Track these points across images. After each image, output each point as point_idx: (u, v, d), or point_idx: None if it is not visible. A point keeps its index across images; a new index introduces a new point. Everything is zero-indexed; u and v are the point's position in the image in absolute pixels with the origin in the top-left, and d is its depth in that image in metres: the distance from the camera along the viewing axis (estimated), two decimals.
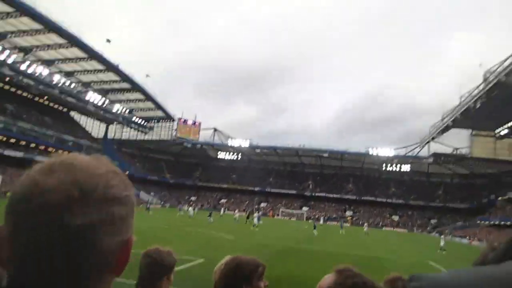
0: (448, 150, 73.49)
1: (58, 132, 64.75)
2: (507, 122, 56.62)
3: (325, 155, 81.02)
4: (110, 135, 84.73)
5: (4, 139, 53.64)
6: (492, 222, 56.29)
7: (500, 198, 62.33)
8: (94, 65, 60.10)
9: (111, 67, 60.68)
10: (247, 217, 41.72)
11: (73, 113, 76.80)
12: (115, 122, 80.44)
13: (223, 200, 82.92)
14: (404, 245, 30.66)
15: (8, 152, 52.19)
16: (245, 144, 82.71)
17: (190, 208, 44.21)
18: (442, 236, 33.74)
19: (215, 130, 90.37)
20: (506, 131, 59.10)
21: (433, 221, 72.97)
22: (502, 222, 51.99)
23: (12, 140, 54.90)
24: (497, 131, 61.95)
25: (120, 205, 0.58)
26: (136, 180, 76.06)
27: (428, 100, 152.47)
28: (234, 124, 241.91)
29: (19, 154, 53.89)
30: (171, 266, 2.13)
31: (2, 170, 46.33)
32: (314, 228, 34.98)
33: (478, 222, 61.03)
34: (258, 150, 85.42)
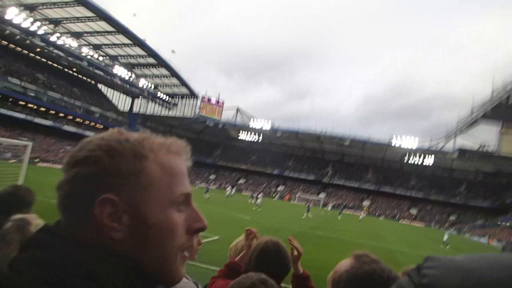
0: (474, 146, 71.32)
1: (86, 103, 66.52)
2: None
3: (347, 142, 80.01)
4: (136, 109, 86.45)
5: (35, 107, 55.61)
6: None
7: None
8: (121, 39, 60.94)
9: (137, 41, 61.39)
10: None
11: (100, 86, 78.53)
12: (140, 97, 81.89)
13: (241, 181, 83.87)
14: (419, 240, 30.46)
15: (38, 120, 54.19)
16: (266, 126, 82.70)
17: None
18: (446, 231, 34.12)
19: (238, 110, 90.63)
20: None
21: (452, 218, 71.74)
22: None
23: (42, 109, 56.87)
24: None
25: (82, 165, 0.59)
26: None
27: (457, 91, 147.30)
28: (257, 105, 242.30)
29: (48, 122, 55.94)
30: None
31: (32, 137, 48.21)
32: (307, 210, 33.42)
33: (499, 222, 59.59)
34: (279, 133, 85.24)
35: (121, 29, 57.13)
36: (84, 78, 72.33)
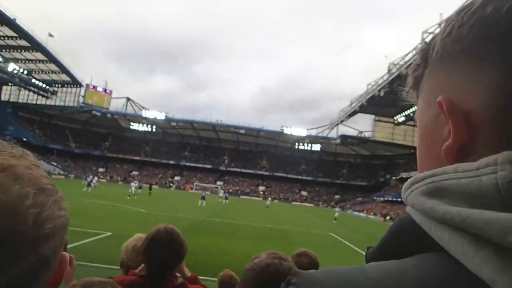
0: (354, 133, 79.66)
1: None
2: (404, 111, 62.93)
3: (242, 131, 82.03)
4: (4, 97, 74.82)
5: None
6: (386, 198, 62.91)
7: (394, 177, 69.83)
8: None
9: (5, 20, 52.66)
10: (150, 189, 42.12)
11: None
12: (10, 84, 70.90)
13: (134, 172, 79.66)
14: (310, 218, 32.59)
15: None
16: (160, 116, 79.62)
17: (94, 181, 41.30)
18: (337, 209, 39.83)
19: (128, 99, 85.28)
20: (403, 118, 65.75)
21: (337, 197, 79.15)
22: (395, 199, 58.34)
23: None
24: (395, 118, 68.58)
25: (55, 236, 0.45)
26: (35, 148, 68.88)
27: (343, 85, 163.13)
28: (149, 96, 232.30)
29: None
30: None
31: None
32: (203, 198, 32.69)
33: (375, 198, 67.77)
34: (173, 123, 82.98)
35: None
36: None
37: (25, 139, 67.41)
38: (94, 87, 78.03)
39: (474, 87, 0.38)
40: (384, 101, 57.15)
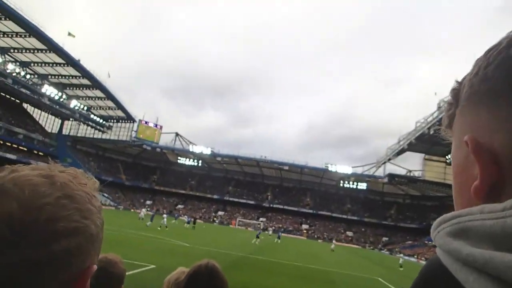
0: (402, 172, 76.65)
1: (8, 124, 60.96)
2: None
3: (286, 167, 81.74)
4: (66, 131, 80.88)
5: None
6: None
7: None
8: (53, 58, 57.18)
9: (70, 61, 58.01)
10: (194, 223, 42.39)
11: (26, 106, 72.73)
12: (71, 119, 76.85)
13: (180, 206, 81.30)
14: (355, 260, 31.20)
15: None
16: (206, 151, 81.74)
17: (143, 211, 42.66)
18: (401, 255, 38.37)
19: (177, 134, 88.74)
20: None
21: (384, 239, 75.29)
22: None
23: None
24: (447, 157, 65.43)
25: (69, 237, 0.50)
26: None
27: (391, 122, 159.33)
28: (197, 131, 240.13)
29: None
30: (121, 276, 1.80)
31: None
32: (257, 237, 34.14)
33: (426, 242, 63.66)
34: (219, 158, 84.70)
35: (53, 47, 53.58)
36: (8, 96, 66.55)
37: (79, 169, 71.70)
38: (146, 122, 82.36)
39: (501, 126, 0.38)
40: (434, 139, 54.93)
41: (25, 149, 62.38)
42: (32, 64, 60.25)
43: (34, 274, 0.46)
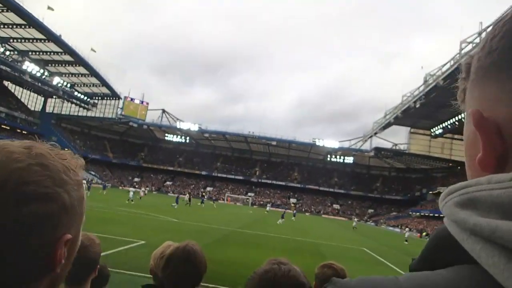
0: (388, 145, 77.83)
1: None
2: (442, 123, 60.88)
3: (273, 143, 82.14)
4: (49, 109, 79.14)
5: None
6: (422, 214, 60.66)
7: (430, 192, 67.28)
8: (33, 33, 55.08)
9: (52, 37, 56.01)
10: (189, 200, 41.76)
11: (7, 83, 70.59)
12: (54, 96, 75.01)
13: (168, 182, 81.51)
14: (342, 233, 32.02)
15: None
16: (194, 127, 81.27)
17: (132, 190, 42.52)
18: (407, 229, 39.16)
19: (164, 111, 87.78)
20: (440, 131, 63.59)
21: (370, 211, 77.18)
22: (432, 214, 56.19)
23: None
24: (432, 130, 66.47)
25: (39, 202, 0.51)
26: None
27: (381, 98, 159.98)
28: (185, 108, 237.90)
29: None
30: (93, 259, 1.73)
31: None
32: (282, 217, 34.20)
33: (410, 213, 65.51)
34: (207, 135, 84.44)
35: (32, 22, 51.55)
36: None
37: (66, 149, 70.68)
38: (132, 99, 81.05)
39: (505, 99, 0.38)
40: (420, 113, 55.63)
41: (8, 127, 61.07)
42: (11, 40, 58.01)
43: (2, 236, 0.47)
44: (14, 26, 53.13)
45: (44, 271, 0.53)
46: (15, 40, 57.99)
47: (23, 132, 65.93)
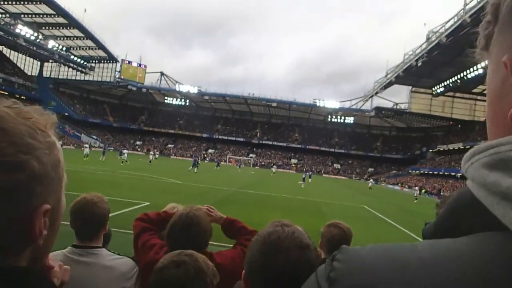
0: (389, 105, 77.48)
1: None
2: (444, 81, 60.19)
3: (274, 104, 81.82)
4: (46, 74, 78.15)
5: None
6: (422, 172, 61.51)
7: (430, 150, 67.81)
8: None
9: None
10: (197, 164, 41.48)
11: (1, 48, 69.22)
12: (50, 60, 73.74)
13: (170, 145, 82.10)
14: (343, 191, 32.66)
15: None
16: (193, 90, 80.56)
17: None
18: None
19: (162, 74, 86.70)
20: (441, 89, 63.00)
21: (370, 170, 78.21)
22: (431, 172, 56.95)
23: None
24: (434, 89, 65.85)
25: (3, 172, 0.45)
26: (76, 122, 72.26)
27: (381, 58, 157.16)
28: (183, 70, 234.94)
29: None
30: (103, 215, 1.84)
31: None
32: (303, 180, 34.50)
33: (410, 171, 66.43)
34: (206, 97, 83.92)
35: None
36: None
37: (66, 114, 70.72)
38: (129, 62, 79.78)
39: None
40: (422, 71, 54.87)
41: (6, 93, 60.58)
42: (2, 2, 56.16)
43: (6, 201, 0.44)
44: None
45: (23, 244, 0.50)
46: (5, 2, 56.12)
47: (22, 97, 65.40)
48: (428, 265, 0.33)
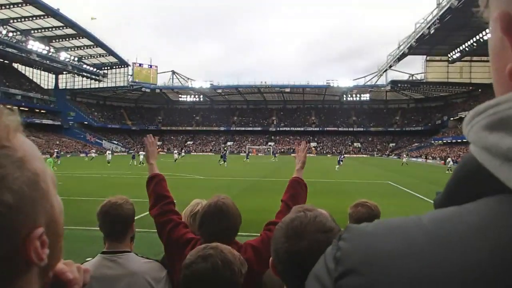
0: (404, 77, 75.85)
1: (3, 87, 60.36)
2: (459, 46, 58.41)
3: (287, 90, 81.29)
4: (62, 85, 79.94)
5: None
6: (445, 141, 60.30)
7: (451, 118, 66.23)
8: (31, 10, 54.26)
9: (50, 11, 55.19)
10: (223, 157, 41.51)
11: (16, 65, 71.09)
12: (64, 72, 75.29)
13: (189, 142, 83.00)
14: (365, 169, 32.47)
15: None
16: (206, 85, 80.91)
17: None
18: (449, 159, 38.38)
19: (174, 72, 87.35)
20: (458, 54, 61.20)
21: (391, 145, 77.18)
22: (454, 140, 55.77)
23: None
24: (449, 55, 64.02)
25: None
26: (96, 129, 73.84)
27: (393, 29, 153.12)
28: (194, 66, 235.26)
29: None
30: (128, 216, 1.90)
31: None
32: (339, 162, 33.98)
33: (432, 142, 65.22)
34: (219, 90, 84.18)
35: None
36: None
37: (86, 122, 72.40)
38: (140, 64, 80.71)
39: None
40: (435, 39, 53.38)
41: (26, 109, 62.34)
42: (11, 21, 57.50)
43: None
44: (12, 6, 52.32)
45: (23, 269, 0.43)
46: (15, 20, 57.43)
47: (42, 111, 67.27)
48: (428, 233, 0.33)
